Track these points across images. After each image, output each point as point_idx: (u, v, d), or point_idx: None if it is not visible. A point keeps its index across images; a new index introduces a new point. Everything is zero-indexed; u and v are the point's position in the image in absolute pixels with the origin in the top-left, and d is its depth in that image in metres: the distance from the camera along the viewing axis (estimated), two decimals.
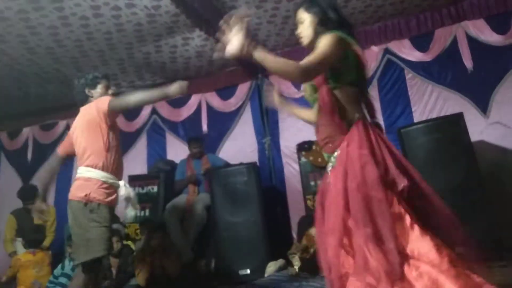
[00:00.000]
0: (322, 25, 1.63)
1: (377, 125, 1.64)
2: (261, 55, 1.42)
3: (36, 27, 3.42)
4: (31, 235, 3.96)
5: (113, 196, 2.36)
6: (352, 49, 1.59)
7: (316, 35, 1.62)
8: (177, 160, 4.47)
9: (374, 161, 1.46)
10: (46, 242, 4.13)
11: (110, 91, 2.52)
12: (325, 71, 1.55)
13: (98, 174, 2.30)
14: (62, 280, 3.50)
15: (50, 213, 4.30)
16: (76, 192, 2.29)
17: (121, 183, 2.42)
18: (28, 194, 4.23)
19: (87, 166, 2.32)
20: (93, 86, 2.48)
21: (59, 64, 4.14)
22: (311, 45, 1.63)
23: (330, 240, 1.50)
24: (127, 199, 2.42)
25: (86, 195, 2.25)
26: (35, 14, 3.24)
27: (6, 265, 4.31)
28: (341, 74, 1.57)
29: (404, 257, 1.37)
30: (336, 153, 1.58)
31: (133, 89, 4.96)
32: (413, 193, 1.51)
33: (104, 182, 2.31)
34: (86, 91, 2.48)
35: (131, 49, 4.02)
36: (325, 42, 1.51)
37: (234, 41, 1.40)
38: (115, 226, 3.58)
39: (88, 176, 2.30)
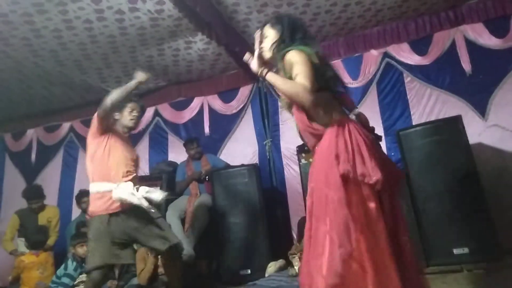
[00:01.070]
0: (284, 42, 1.73)
1: (359, 117, 1.73)
2: (272, 78, 1.65)
3: (40, 30, 3.46)
4: (34, 236, 3.97)
5: (108, 204, 2.43)
6: (313, 59, 1.64)
7: (278, 50, 1.73)
8: (179, 161, 4.51)
9: (342, 160, 1.50)
10: (50, 241, 4.16)
11: (134, 113, 2.71)
12: None
13: (91, 187, 2.51)
14: (65, 280, 3.51)
15: (54, 213, 4.34)
16: None
17: (112, 186, 2.46)
18: (33, 193, 4.27)
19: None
20: (119, 109, 2.67)
21: (62, 66, 4.19)
22: (272, 59, 1.78)
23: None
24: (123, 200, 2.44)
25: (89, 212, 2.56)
26: (39, 18, 3.28)
27: (6, 265, 4.35)
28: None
29: (350, 263, 1.41)
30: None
31: (136, 92, 5.01)
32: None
33: (97, 192, 2.47)
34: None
35: (134, 53, 4.07)
36: (298, 59, 1.60)
37: (253, 61, 1.71)
38: None
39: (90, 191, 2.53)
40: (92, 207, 2.50)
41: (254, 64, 1.72)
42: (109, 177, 2.48)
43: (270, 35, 1.79)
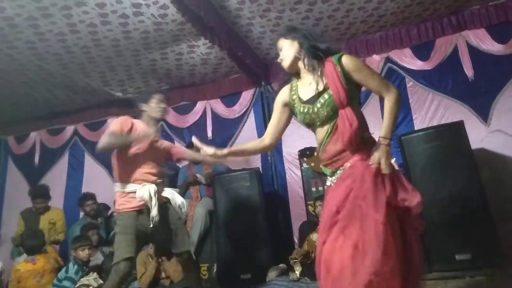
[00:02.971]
0: (312, 46, 1.77)
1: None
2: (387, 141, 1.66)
3: (44, 34, 3.49)
4: (29, 241, 3.85)
5: (132, 201, 2.51)
6: None
7: (310, 54, 1.77)
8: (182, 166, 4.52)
9: (386, 181, 1.59)
10: (60, 237, 4.15)
11: (161, 105, 2.67)
12: (346, 92, 1.67)
13: (116, 186, 2.59)
14: (66, 283, 3.48)
15: (59, 215, 4.32)
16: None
17: (136, 186, 2.53)
18: (39, 193, 4.25)
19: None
20: (146, 101, 2.66)
21: (66, 70, 4.22)
22: (291, 67, 1.83)
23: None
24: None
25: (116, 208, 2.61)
26: (44, 21, 3.31)
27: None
28: (355, 94, 1.73)
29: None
30: (342, 168, 1.70)
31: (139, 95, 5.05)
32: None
33: (122, 192, 2.55)
34: (140, 105, 2.68)
35: (138, 56, 4.09)
36: (361, 63, 1.73)
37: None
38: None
39: (115, 190, 2.61)
40: (117, 205, 2.58)
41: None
42: (133, 178, 2.55)
43: (285, 45, 1.82)
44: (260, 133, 4.69)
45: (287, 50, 1.81)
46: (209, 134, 4.85)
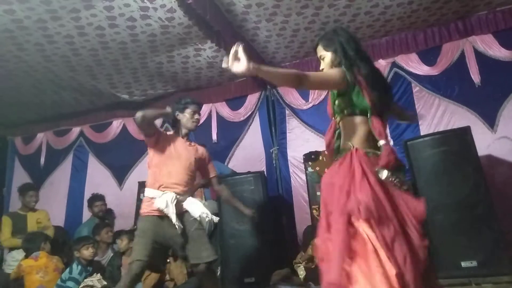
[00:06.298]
0: (338, 63, 1.79)
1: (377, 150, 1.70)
2: (265, 69, 1.56)
3: (53, 36, 3.52)
4: (27, 244, 3.78)
5: (155, 207, 2.52)
6: (359, 85, 1.71)
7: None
8: None
9: (346, 191, 1.58)
10: (50, 233, 4.11)
11: (196, 116, 2.78)
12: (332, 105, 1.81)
13: (145, 191, 2.65)
14: (70, 284, 3.50)
15: (44, 215, 4.27)
16: None
17: (158, 193, 2.56)
18: (31, 186, 4.29)
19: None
20: (181, 110, 2.75)
21: (74, 72, 4.25)
22: None
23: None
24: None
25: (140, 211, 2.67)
26: (53, 24, 3.34)
27: None
28: (344, 107, 1.76)
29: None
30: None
31: (145, 98, 5.08)
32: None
33: (147, 197, 2.61)
34: (176, 114, 2.76)
35: (145, 59, 4.12)
36: (332, 70, 1.76)
37: (240, 62, 1.47)
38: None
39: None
40: (142, 208, 2.63)
41: (242, 64, 1.47)
42: (159, 186, 2.59)
43: (327, 57, 1.85)
44: (265, 137, 4.70)
45: (327, 66, 1.87)
46: (214, 137, 4.86)
